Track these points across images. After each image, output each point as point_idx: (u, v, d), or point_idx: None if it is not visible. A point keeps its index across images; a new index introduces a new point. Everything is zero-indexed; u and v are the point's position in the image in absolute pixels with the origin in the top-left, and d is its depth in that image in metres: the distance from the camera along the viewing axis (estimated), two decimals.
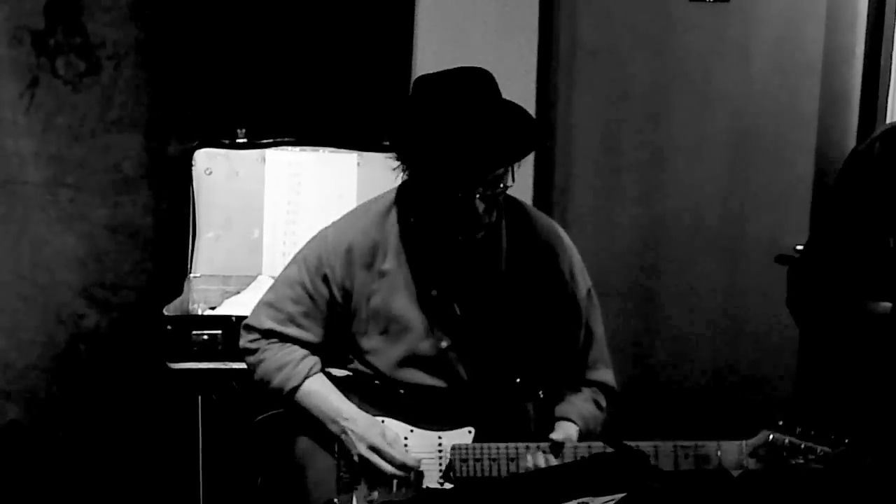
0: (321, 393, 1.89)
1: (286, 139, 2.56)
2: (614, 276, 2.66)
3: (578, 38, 2.72)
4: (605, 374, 1.95)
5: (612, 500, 1.30)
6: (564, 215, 2.70)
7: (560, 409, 1.90)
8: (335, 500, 1.78)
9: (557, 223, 2.03)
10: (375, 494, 1.76)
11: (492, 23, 2.56)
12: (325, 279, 1.91)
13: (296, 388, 1.86)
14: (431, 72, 1.73)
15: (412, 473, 1.79)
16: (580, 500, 1.30)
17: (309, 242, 1.98)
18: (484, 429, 1.85)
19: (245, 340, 1.93)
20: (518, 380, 1.93)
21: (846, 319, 1.81)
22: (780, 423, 1.43)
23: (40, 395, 2.60)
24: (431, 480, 1.78)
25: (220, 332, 2.39)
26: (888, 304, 1.70)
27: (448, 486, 1.78)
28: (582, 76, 2.71)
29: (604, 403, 1.95)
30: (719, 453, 1.71)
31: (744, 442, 1.67)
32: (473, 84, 1.78)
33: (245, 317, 2.01)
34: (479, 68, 1.76)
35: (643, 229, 2.78)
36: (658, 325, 2.81)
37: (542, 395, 1.97)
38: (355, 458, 1.80)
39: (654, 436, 1.70)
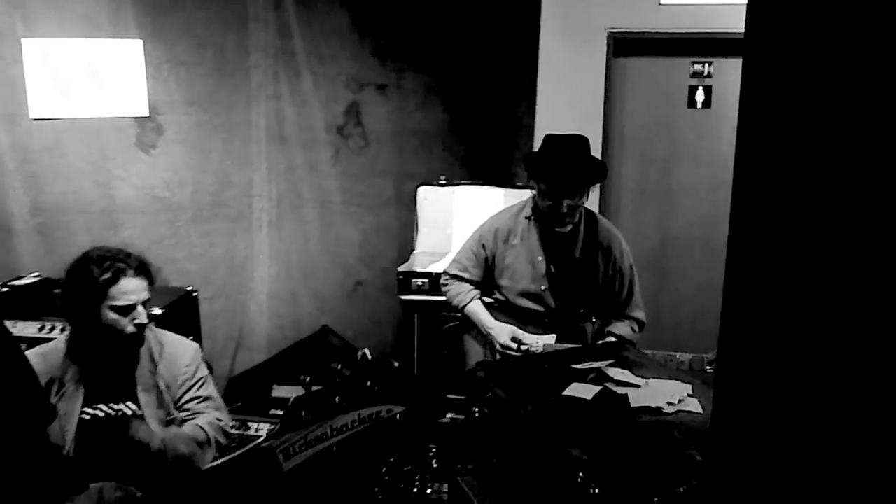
0: (477, 310, 2.78)
1: (466, 181, 3.86)
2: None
3: (624, 124, 4.12)
4: (639, 314, 2.75)
5: (608, 363, 2.11)
6: (614, 220, 3.98)
7: (609, 328, 2.73)
8: (483, 359, 2.72)
9: (613, 225, 2.86)
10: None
11: (577, 113, 3.89)
12: (483, 247, 2.78)
13: (465, 306, 2.79)
14: (551, 133, 2.64)
15: (523, 350, 2.61)
16: (591, 364, 2.12)
17: (478, 227, 2.86)
18: (561, 336, 2.65)
19: (442, 280, 2.91)
20: (581, 311, 2.71)
21: None
22: None
23: (337, 312, 4.18)
24: None
25: (426, 280, 3.53)
26: None
27: None
28: (625, 145, 4.18)
29: (637, 329, 2.74)
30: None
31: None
32: (574, 142, 2.61)
33: (440, 273, 3.02)
34: (579, 134, 2.64)
35: (658, 236, 4.20)
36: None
37: (594, 320, 2.76)
38: (496, 345, 2.68)
39: None
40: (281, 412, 3.10)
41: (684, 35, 3.90)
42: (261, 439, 0.81)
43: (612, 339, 2.66)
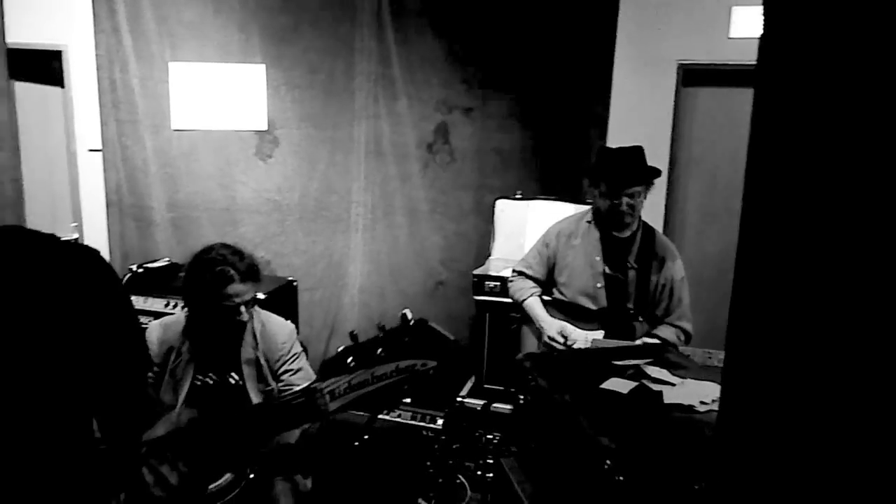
0: (533, 305, 2.96)
1: (539, 196, 4.12)
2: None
3: (691, 150, 4.36)
4: (687, 324, 2.83)
5: (647, 361, 2.19)
6: (679, 240, 4.27)
7: (655, 331, 2.81)
8: (536, 351, 2.86)
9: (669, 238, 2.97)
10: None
11: (646, 137, 3.84)
12: (547, 246, 2.96)
13: (524, 300, 2.98)
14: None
15: (568, 345, 2.72)
16: (632, 361, 2.19)
17: (546, 231, 3.06)
18: (609, 332, 2.79)
19: (511, 275, 3.12)
20: (631, 311, 2.81)
21: None
22: None
23: (418, 308, 4.15)
24: None
25: (499, 283, 3.81)
26: None
27: None
28: (692, 170, 4.40)
29: (682, 338, 2.82)
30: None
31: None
32: (630, 148, 2.76)
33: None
34: (638, 146, 2.80)
35: (721, 257, 4.36)
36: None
37: (640, 320, 2.82)
38: (545, 338, 2.82)
39: None
40: None
41: (752, 66, 4.07)
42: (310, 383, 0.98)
43: (656, 340, 2.76)
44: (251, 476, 2.16)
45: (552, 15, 4.16)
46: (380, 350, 0.82)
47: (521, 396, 2.25)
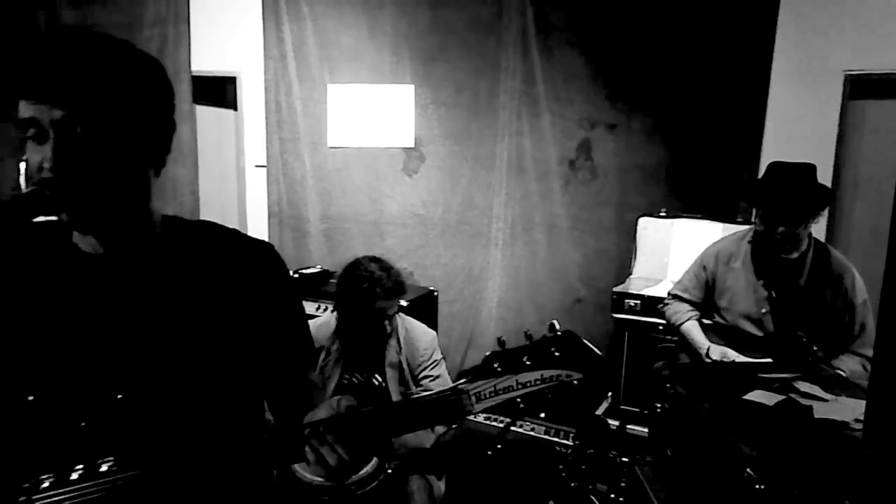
0: (691, 329, 2.87)
1: (685, 214, 4.05)
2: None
3: (858, 167, 4.05)
4: (872, 352, 2.46)
5: (796, 376, 2.19)
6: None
7: (835, 362, 2.58)
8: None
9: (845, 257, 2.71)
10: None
11: (806, 153, 3.53)
12: (704, 269, 2.88)
13: (681, 324, 2.89)
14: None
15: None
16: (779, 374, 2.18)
17: (703, 252, 2.95)
18: (777, 361, 2.50)
19: (666, 299, 3.03)
20: (804, 339, 2.56)
21: None
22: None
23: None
24: None
25: (639, 301, 3.77)
26: None
27: None
28: (859, 187, 4.08)
29: (868, 367, 2.52)
30: None
31: None
32: (795, 170, 2.57)
33: (652, 297, 3.46)
34: (807, 163, 2.59)
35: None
36: None
37: (815, 349, 2.55)
38: (706, 359, 2.65)
39: None
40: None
41: None
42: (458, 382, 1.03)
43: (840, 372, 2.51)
44: (389, 471, 2.28)
45: (702, 27, 4.04)
46: (525, 358, 0.84)
47: (658, 405, 2.25)
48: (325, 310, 3.85)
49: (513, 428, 3.16)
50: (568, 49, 4.31)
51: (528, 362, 1.03)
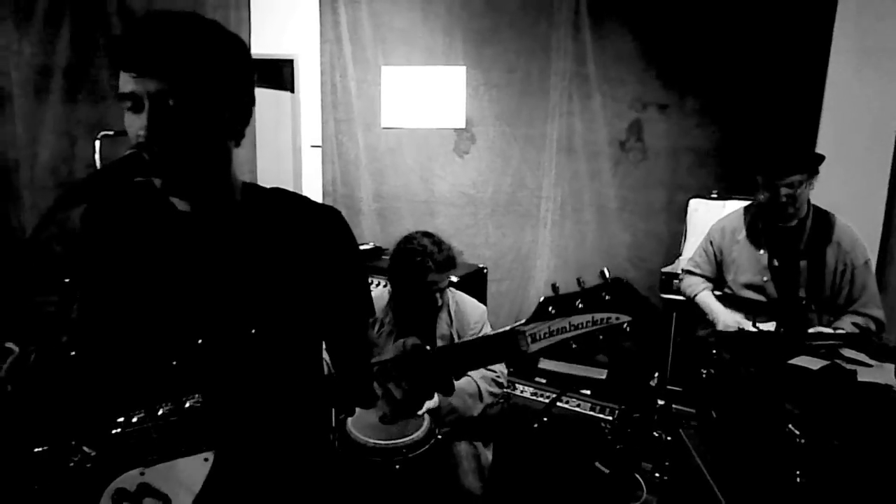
0: (706, 299, 3.06)
1: (736, 196, 3.90)
2: None
3: None
4: (876, 311, 2.75)
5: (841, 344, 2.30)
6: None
7: (837, 323, 2.74)
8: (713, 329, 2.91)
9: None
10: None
11: (865, 134, 3.87)
12: (711, 243, 3.07)
13: (696, 295, 3.08)
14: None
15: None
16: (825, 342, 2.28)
17: (709, 228, 3.11)
18: (782, 324, 2.72)
19: (680, 275, 3.27)
20: (804, 301, 2.77)
21: None
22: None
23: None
24: None
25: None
26: None
27: None
28: None
29: (872, 326, 2.71)
30: None
31: None
32: (789, 140, 2.91)
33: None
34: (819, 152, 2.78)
35: None
36: None
37: (813, 308, 2.76)
38: (719, 326, 2.84)
39: None
40: (544, 380, 3.67)
41: None
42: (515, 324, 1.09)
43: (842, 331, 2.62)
44: (439, 437, 2.39)
45: (757, 5, 3.97)
46: (578, 302, 0.90)
47: (704, 370, 2.30)
48: (378, 285, 3.95)
49: (558, 403, 3.25)
50: (619, 29, 4.29)
51: (580, 306, 1.07)
